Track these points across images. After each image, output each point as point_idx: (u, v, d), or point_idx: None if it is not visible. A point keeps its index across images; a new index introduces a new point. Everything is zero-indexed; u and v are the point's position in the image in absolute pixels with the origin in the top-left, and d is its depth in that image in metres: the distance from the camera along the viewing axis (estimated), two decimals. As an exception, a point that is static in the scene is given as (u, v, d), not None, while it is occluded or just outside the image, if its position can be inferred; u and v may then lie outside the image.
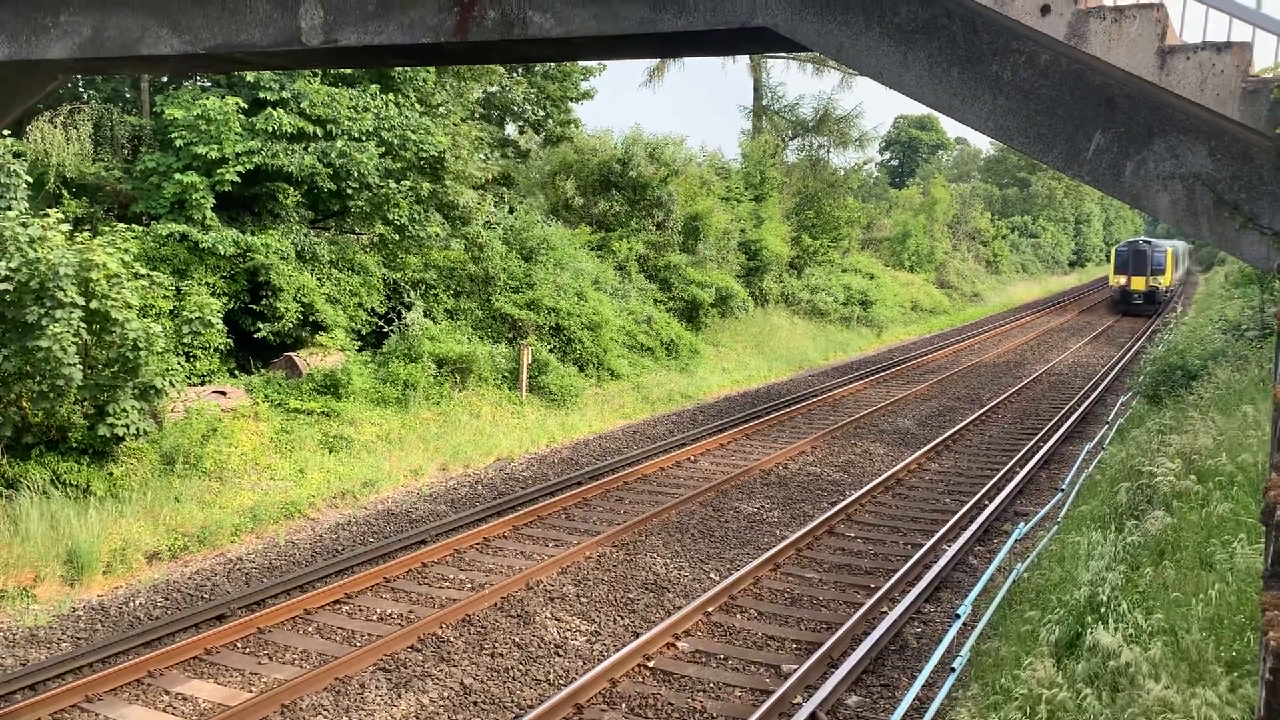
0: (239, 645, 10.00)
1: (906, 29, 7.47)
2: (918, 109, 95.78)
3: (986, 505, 14.98)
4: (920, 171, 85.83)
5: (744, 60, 43.33)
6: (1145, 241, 50.33)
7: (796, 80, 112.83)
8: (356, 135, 19.17)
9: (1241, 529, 8.04)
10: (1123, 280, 50.43)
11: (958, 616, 10.64)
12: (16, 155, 15.58)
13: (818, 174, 43.29)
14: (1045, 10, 6.54)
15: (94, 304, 12.81)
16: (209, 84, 19.48)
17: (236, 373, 17.95)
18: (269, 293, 18.16)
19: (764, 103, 44.50)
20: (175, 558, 12.48)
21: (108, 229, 15.90)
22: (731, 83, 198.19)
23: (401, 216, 20.09)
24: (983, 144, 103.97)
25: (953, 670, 9.25)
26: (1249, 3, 6.31)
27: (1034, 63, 7.19)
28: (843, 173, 44.38)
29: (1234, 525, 8.28)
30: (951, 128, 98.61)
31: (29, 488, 12.56)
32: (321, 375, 17.83)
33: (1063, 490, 15.68)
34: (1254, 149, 6.65)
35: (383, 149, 19.54)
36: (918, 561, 12.36)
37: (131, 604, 11.05)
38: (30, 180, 15.59)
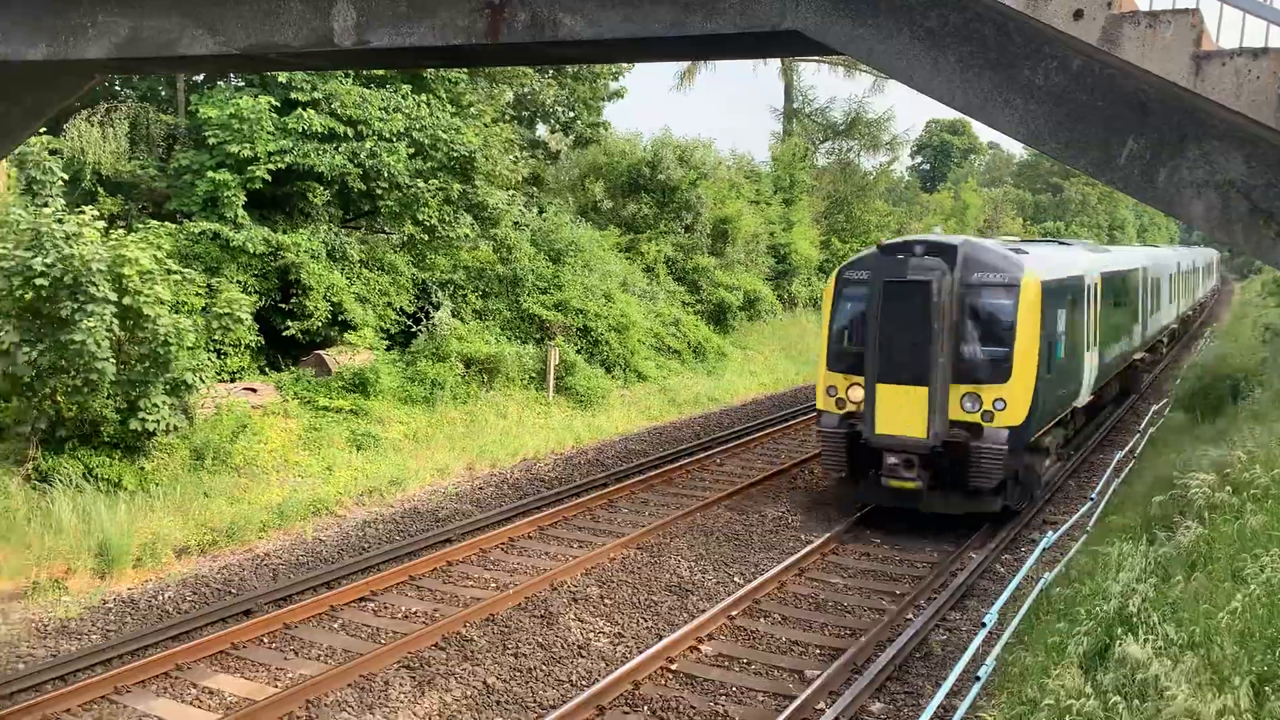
0: (265, 640, 10.08)
1: (938, 33, 7.41)
2: (949, 113, 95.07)
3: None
4: (952, 176, 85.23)
5: (775, 63, 43.20)
6: (931, 246, 13.51)
7: (828, 82, 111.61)
8: (387, 135, 19.28)
9: (1274, 543, 7.92)
10: (856, 394, 13.80)
11: (984, 625, 10.55)
12: (53, 153, 15.81)
13: (848, 178, 43.07)
14: (1078, 15, 6.46)
15: (126, 299, 12.98)
16: (242, 84, 19.67)
17: (266, 370, 18.11)
18: (299, 291, 18.31)
19: (795, 105, 44.36)
20: (204, 553, 12.60)
21: (141, 226, 16.10)
22: (762, 85, 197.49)
23: (431, 217, 20.18)
24: (1015, 149, 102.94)
25: (978, 679, 9.16)
26: (1288, 8, 6.20)
27: (1066, 67, 7.11)
28: (871, 174, 44.09)
29: (1266, 539, 8.16)
30: (983, 132, 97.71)
31: (62, 481, 12.73)
32: (350, 374, 17.95)
33: (1092, 499, 15.50)
34: (1291, 156, 6.54)
35: (413, 149, 19.64)
36: (943, 568, 12.26)
37: (160, 597, 11.17)
38: (66, 178, 15.82)
